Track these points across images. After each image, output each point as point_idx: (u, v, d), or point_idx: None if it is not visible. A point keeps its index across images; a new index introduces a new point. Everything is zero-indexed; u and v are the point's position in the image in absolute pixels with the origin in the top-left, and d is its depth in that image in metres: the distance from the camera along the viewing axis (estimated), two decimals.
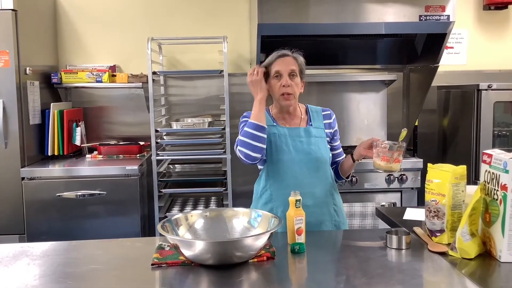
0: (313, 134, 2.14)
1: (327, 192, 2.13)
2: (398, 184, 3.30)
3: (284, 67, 2.08)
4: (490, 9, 3.89)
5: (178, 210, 3.39)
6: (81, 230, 3.07)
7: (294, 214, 1.75)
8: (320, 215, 2.09)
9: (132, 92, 3.76)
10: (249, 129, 2.00)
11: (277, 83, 2.09)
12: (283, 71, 2.07)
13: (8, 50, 3.00)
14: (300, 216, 1.75)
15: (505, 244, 1.56)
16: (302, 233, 1.75)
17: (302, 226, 1.75)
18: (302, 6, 3.06)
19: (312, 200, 2.06)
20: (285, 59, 2.10)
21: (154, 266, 1.59)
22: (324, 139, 2.17)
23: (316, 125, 2.18)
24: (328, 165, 2.16)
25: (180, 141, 3.44)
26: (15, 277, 1.54)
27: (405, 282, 1.44)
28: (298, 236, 1.74)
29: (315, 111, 2.23)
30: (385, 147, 1.91)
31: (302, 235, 1.75)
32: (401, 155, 1.93)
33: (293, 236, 1.75)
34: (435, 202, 1.73)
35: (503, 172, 1.57)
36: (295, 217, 1.74)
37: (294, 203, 1.76)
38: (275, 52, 2.14)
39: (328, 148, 2.18)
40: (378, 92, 3.85)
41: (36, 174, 3.09)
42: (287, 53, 2.12)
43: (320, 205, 2.09)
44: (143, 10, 3.78)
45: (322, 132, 2.18)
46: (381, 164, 1.93)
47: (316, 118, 2.20)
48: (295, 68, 2.09)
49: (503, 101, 3.31)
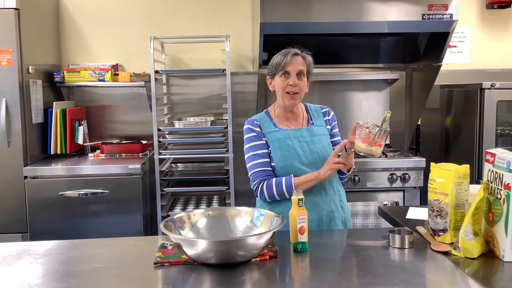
0: (316, 133, 2.14)
1: (335, 189, 2.13)
2: (401, 183, 3.30)
3: (292, 66, 2.06)
4: (493, 8, 3.88)
5: (180, 209, 3.39)
6: (83, 229, 3.08)
7: (296, 213, 1.75)
8: (330, 211, 2.09)
9: (135, 91, 3.76)
10: (283, 188, 2.02)
11: (284, 81, 2.07)
12: (291, 70, 2.06)
13: (11, 49, 3.00)
14: (303, 215, 1.75)
15: (508, 244, 1.56)
16: (304, 232, 1.75)
17: (305, 225, 1.75)
18: (305, 5, 3.05)
19: (322, 198, 2.08)
20: (295, 58, 2.07)
21: (157, 265, 1.59)
22: (327, 136, 2.17)
23: (318, 123, 2.18)
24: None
25: (182, 140, 3.44)
26: (17, 275, 1.54)
27: (408, 281, 1.44)
28: (301, 235, 1.74)
29: (314, 110, 2.23)
30: (367, 127, 1.88)
31: (304, 234, 1.75)
32: (383, 139, 1.88)
33: (295, 235, 1.74)
34: (438, 202, 1.73)
35: (507, 171, 1.56)
36: (297, 216, 1.74)
37: (297, 202, 1.76)
38: (285, 50, 2.10)
39: (331, 145, 2.17)
40: (381, 91, 3.85)
41: (38, 173, 3.09)
42: (297, 52, 2.09)
43: (329, 202, 2.10)
44: (146, 9, 3.78)
45: (324, 129, 2.18)
46: (362, 146, 1.89)
47: (316, 116, 2.20)
48: (303, 69, 2.08)
49: (506, 100, 3.29)
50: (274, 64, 2.10)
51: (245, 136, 2.14)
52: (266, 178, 2.07)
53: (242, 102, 3.77)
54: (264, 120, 2.16)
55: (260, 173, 2.08)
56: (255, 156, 2.09)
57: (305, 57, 2.10)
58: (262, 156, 2.09)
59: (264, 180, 2.06)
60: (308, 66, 2.11)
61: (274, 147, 2.08)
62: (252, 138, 2.11)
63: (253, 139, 2.11)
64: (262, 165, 2.08)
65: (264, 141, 2.11)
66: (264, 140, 2.11)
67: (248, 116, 2.24)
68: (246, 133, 2.14)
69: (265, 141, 2.11)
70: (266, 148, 2.10)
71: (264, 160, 2.09)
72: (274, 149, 2.08)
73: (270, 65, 2.13)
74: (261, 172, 2.08)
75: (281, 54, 2.09)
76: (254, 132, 2.12)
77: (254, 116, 2.20)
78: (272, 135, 2.11)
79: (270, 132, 2.11)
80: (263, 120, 2.16)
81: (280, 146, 2.08)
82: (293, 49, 2.10)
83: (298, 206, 1.76)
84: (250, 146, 2.11)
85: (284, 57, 2.06)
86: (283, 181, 2.03)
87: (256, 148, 2.10)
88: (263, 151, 2.10)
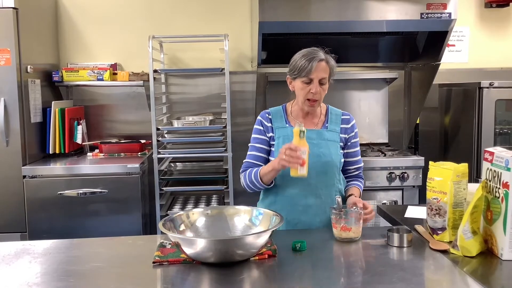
0: (326, 137, 2.09)
1: (332, 196, 2.08)
2: (400, 182, 3.30)
3: (316, 73, 1.98)
4: (492, 7, 3.88)
5: (179, 208, 3.39)
6: (82, 228, 3.08)
7: (297, 144, 1.72)
8: (322, 215, 2.07)
9: (133, 90, 3.76)
10: (252, 177, 2.05)
11: (306, 87, 2.01)
12: (315, 78, 1.99)
13: (9, 48, 3.00)
14: (304, 147, 1.72)
15: (506, 242, 1.56)
16: (305, 164, 1.71)
17: (305, 157, 1.71)
18: (304, 4, 3.05)
19: (315, 200, 2.06)
20: (320, 64, 1.98)
21: (156, 264, 1.59)
22: (337, 143, 2.11)
23: (331, 128, 2.12)
24: (338, 169, 2.11)
25: (181, 139, 3.44)
26: (16, 275, 1.54)
27: (406, 280, 1.44)
28: (301, 167, 1.70)
29: (334, 114, 2.17)
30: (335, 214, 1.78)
31: (305, 166, 1.70)
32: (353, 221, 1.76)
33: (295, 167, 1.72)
34: (437, 200, 1.73)
35: (505, 170, 1.56)
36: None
37: (298, 133, 1.72)
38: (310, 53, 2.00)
39: (341, 153, 2.12)
40: (380, 90, 3.85)
41: (37, 172, 3.09)
42: (322, 58, 2.00)
43: (323, 207, 2.06)
44: (144, 8, 3.77)
45: (337, 136, 2.12)
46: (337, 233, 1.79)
47: (333, 121, 2.14)
48: (326, 76, 2.01)
49: (505, 99, 3.30)
50: (297, 67, 2.00)
51: (254, 126, 2.18)
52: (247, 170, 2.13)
53: (241, 101, 3.77)
54: (278, 114, 2.16)
55: (246, 164, 2.16)
56: (252, 147, 2.15)
57: (328, 61, 2.02)
58: (258, 150, 2.13)
59: (246, 170, 2.13)
60: (331, 70, 2.04)
61: (279, 142, 2.08)
62: (256, 131, 2.16)
63: (257, 131, 2.16)
64: (253, 158, 2.14)
65: (268, 137, 2.13)
66: (267, 137, 2.13)
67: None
68: (256, 124, 2.18)
69: (268, 138, 2.12)
70: (266, 144, 2.13)
71: (257, 153, 2.13)
72: (278, 144, 2.08)
73: (293, 67, 2.03)
74: (248, 163, 2.15)
75: (306, 58, 1.99)
76: (261, 126, 2.15)
77: (270, 109, 2.20)
78: (280, 131, 2.11)
79: (280, 127, 2.11)
80: (277, 113, 2.16)
81: (284, 142, 2.05)
82: (318, 52, 2.01)
83: (299, 137, 1.72)
84: (253, 137, 2.17)
85: (309, 63, 1.97)
86: (253, 170, 2.07)
87: (256, 141, 2.15)
88: (261, 146, 2.13)
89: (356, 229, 1.78)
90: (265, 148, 2.13)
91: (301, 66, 1.99)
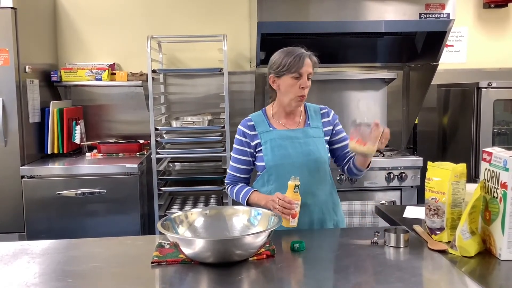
0: (311, 135, 2.11)
1: (327, 192, 2.12)
2: (398, 182, 3.30)
3: (305, 68, 2.02)
4: (490, 7, 3.89)
5: (178, 208, 3.39)
6: (81, 228, 3.07)
7: (292, 198, 1.82)
8: (321, 214, 2.09)
9: (132, 90, 3.76)
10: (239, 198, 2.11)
11: (296, 83, 2.03)
12: (304, 73, 2.02)
13: (8, 48, 3.00)
14: (297, 200, 1.83)
15: (505, 242, 1.56)
16: (296, 216, 1.84)
17: (298, 210, 1.84)
18: (302, 4, 3.05)
19: (313, 200, 2.06)
20: (307, 60, 2.03)
21: (154, 264, 1.59)
22: (322, 139, 2.14)
23: (314, 124, 2.15)
24: (327, 165, 2.13)
25: (180, 139, 3.44)
26: (15, 275, 1.54)
27: (405, 280, 1.44)
28: (292, 219, 1.83)
29: (313, 110, 2.19)
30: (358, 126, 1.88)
31: (296, 218, 1.84)
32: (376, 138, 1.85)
33: (287, 219, 1.84)
34: (435, 200, 1.73)
35: (503, 170, 1.56)
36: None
37: (293, 188, 1.82)
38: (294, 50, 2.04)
39: (327, 148, 2.15)
40: (378, 90, 3.85)
41: (35, 173, 3.08)
42: (308, 53, 2.05)
43: (320, 205, 2.09)
44: (143, 8, 3.77)
45: (320, 132, 2.14)
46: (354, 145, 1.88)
47: (314, 118, 2.17)
48: (311, 71, 2.06)
49: (503, 99, 3.31)
50: (285, 64, 2.01)
51: (236, 135, 2.18)
52: (232, 184, 2.19)
53: (240, 101, 3.77)
54: (259, 119, 2.15)
55: (230, 176, 2.20)
56: (234, 159, 2.18)
57: (311, 57, 2.07)
58: (240, 162, 2.15)
59: (231, 185, 2.20)
60: (313, 65, 2.07)
61: (266, 146, 2.08)
62: (238, 142, 2.16)
63: (238, 142, 2.16)
64: (235, 170, 2.17)
65: (253, 147, 2.12)
66: (251, 147, 2.12)
67: (246, 115, 2.24)
68: (237, 133, 2.17)
69: (253, 147, 2.12)
70: (248, 155, 2.14)
71: (239, 166, 2.16)
72: (266, 149, 2.08)
73: (280, 64, 2.03)
74: (231, 176, 2.19)
75: (292, 55, 2.02)
76: (242, 137, 2.14)
77: (250, 115, 2.19)
78: (265, 135, 2.10)
79: (264, 132, 2.11)
80: (258, 119, 2.15)
81: (272, 146, 2.07)
82: (301, 49, 2.05)
83: (293, 191, 1.83)
84: (235, 148, 2.18)
85: (299, 59, 2.00)
86: (241, 193, 2.11)
87: (238, 152, 2.16)
88: (243, 157, 2.14)
89: (371, 144, 1.84)
90: (247, 160, 2.14)
91: (290, 62, 2.02)
